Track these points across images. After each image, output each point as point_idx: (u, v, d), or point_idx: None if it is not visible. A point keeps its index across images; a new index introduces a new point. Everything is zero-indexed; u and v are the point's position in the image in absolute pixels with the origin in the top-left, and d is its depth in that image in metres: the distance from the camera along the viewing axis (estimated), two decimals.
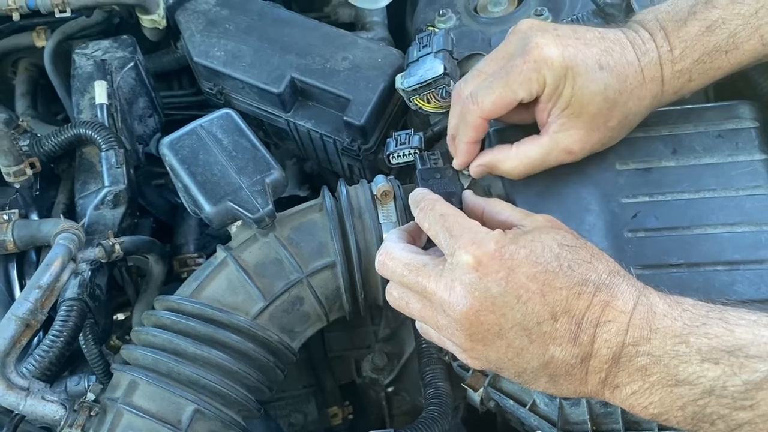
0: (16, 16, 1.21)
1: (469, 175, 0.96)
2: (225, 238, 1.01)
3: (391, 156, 1.05)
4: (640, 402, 0.68)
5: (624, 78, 0.83)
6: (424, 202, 0.82)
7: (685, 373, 0.65)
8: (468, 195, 0.88)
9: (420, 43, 1.09)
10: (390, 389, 1.27)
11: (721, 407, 0.64)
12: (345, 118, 1.12)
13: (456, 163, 0.95)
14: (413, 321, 1.09)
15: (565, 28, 0.86)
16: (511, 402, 0.94)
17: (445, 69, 1.03)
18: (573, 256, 0.71)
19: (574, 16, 1.11)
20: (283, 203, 1.01)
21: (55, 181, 1.19)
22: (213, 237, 1.29)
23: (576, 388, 0.72)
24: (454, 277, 0.71)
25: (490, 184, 0.98)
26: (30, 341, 0.91)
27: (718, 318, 0.66)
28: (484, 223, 0.77)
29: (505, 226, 0.77)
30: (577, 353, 0.69)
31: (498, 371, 0.75)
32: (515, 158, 0.89)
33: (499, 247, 0.70)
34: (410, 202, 0.85)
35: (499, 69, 0.87)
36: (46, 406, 0.85)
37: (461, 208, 0.85)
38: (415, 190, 0.88)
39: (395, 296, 0.81)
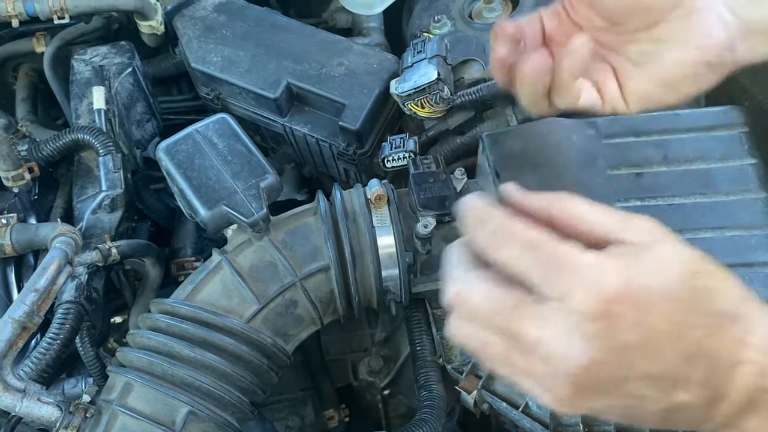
0: (15, 23, 1.23)
1: (462, 178, 0.96)
2: (222, 242, 1.01)
3: (386, 160, 1.06)
4: None
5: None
6: (495, 223, 0.59)
7: None
8: (520, 194, 0.63)
9: (415, 48, 1.10)
10: (386, 392, 1.27)
11: None
12: (340, 122, 1.13)
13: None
14: (408, 325, 1.11)
15: None
16: (504, 404, 0.95)
17: (439, 75, 1.04)
18: (706, 282, 0.57)
19: None
20: (281, 207, 1.02)
21: (53, 185, 1.20)
22: (210, 241, 1.30)
23: (691, 425, 0.61)
24: (570, 326, 0.55)
25: (483, 187, 0.99)
26: (27, 344, 0.92)
27: None
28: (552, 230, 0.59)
29: (593, 237, 0.58)
30: (706, 396, 0.58)
31: (598, 415, 0.61)
32: None
33: (624, 282, 0.54)
34: (468, 219, 0.61)
35: None
36: (42, 408, 0.85)
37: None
38: (468, 199, 0.62)
39: (466, 333, 0.61)
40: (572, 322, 0.55)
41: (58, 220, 1.08)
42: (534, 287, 0.57)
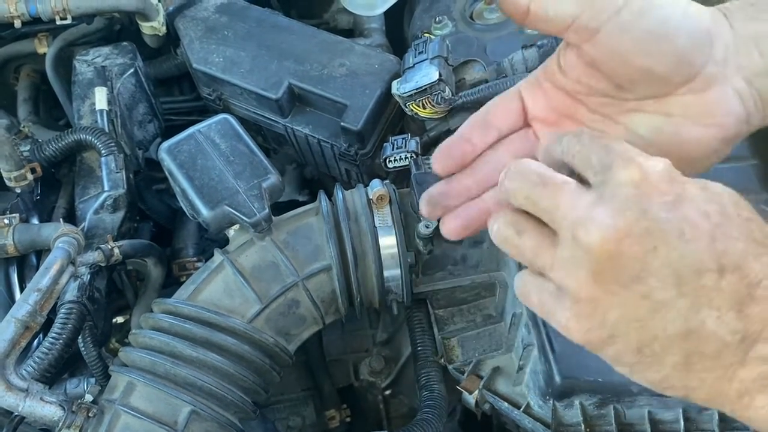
0: (17, 24, 1.23)
1: None
2: (224, 242, 1.02)
3: (387, 160, 1.06)
4: None
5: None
6: (568, 134, 0.58)
7: None
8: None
9: (416, 49, 1.11)
10: (387, 392, 1.27)
11: None
12: (342, 123, 1.14)
13: None
14: (410, 325, 1.11)
15: None
16: (506, 404, 0.95)
17: (440, 75, 1.04)
18: (750, 214, 0.54)
19: None
20: (282, 208, 1.03)
21: (55, 185, 1.20)
22: (212, 241, 1.30)
23: (714, 385, 0.53)
24: (604, 192, 0.53)
25: None
26: (30, 343, 0.92)
27: None
28: None
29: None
30: (738, 329, 0.51)
31: (609, 343, 0.55)
32: None
33: (669, 167, 0.54)
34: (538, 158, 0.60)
35: None
36: (44, 407, 0.86)
37: None
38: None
39: (502, 222, 0.59)
40: (607, 189, 0.53)
41: (61, 220, 1.08)
42: (592, 170, 0.55)
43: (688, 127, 0.64)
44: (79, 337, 0.97)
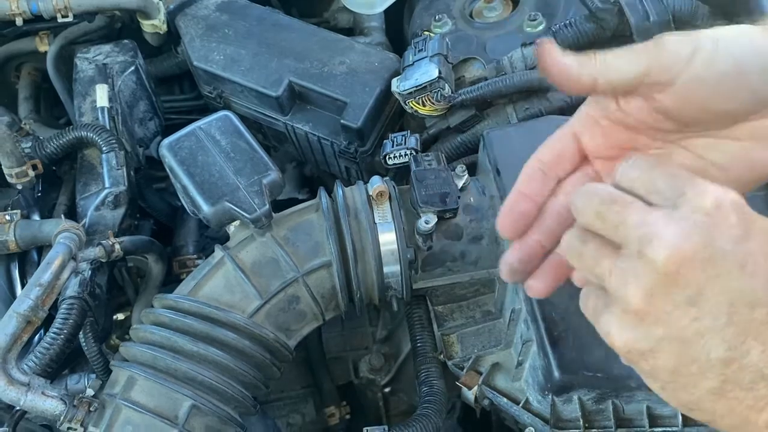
0: (19, 21, 1.24)
1: (463, 175, 0.97)
2: (224, 240, 1.02)
3: (387, 157, 1.07)
4: None
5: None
6: (630, 159, 0.59)
7: None
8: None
9: (416, 47, 1.11)
10: (387, 390, 1.28)
11: None
12: (342, 121, 1.14)
13: None
14: (409, 321, 1.11)
15: None
16: (505, 400, 0.95)
17: (439, 73, 1.05)
18: None
19: (568, 22, 1.13)
20: (282, 206, 1.03)
21: (56, 182, 1.21)
22: (212, 239, 1.31)
23: (743, 413, 0.54)
24: (674, 214, 0.54)
25: (484, 184, 1.00)
26: (31, 338, 0.93)
27: None
28: None
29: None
30: None
31: (648, 357, 0.56)
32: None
33: (742, 201, 0.55)
34: (585, 197, 0.59)
35: None
36: (46, 402, 0.86)
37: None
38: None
39: (569, 234, 0.61)
40: (680, 212, 0.54)
41: (62, 216, 1.09)
42: (661, 196, 0.56)
43: (758, 151, 0.64)
44: (80, 332, 0.98)
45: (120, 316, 1.21)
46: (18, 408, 0.87)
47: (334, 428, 1.32)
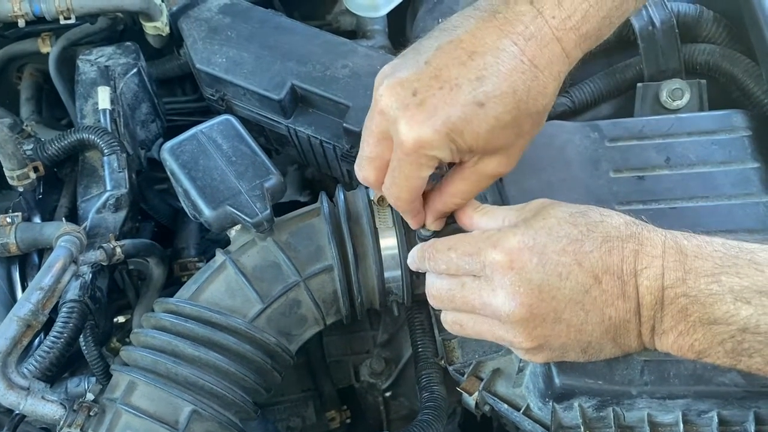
0: (21, 23, 1.23)
1: None
2: (225, 243, 1.02)
3: None
4: (686, 341, 0.69)
5: (512, 89, 0.72)
6: (424, 252, 0.81)
7: (720, 312, 0.66)
8: (459, 216, 0.86)
9: None
10: (388, 394, 1.27)
11: (756, 343, 0.66)
12: (344, 124, 1.14)
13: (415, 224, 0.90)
14: (410, 326, 1.11)
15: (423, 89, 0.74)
16: (506, 406, 0.95)
17: None
18: (585, 219, 0.72)
19: None
20: (283, 208, 1.03)
21: (57, 184, 1.21)
22: (213, 242, 1.30)
23: (634, 342, 0.73)
24: (494, 285, 0.72)
25: (485, 193, 0.99)
26: (31, 342, 0.92)
27: (748, 259, 0.67)
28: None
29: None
30: (628, 307, 0.70)
31: (564, 356, 0.76)
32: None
33: (520, 237, 0.71)
34: (417, 263, 0.84)
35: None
36: (45, 406, 0.86)
37: None
38: (409, 255, 0.87)
39: (449, 321, 0.82)
40: (495, 282, 0.72)
41: (63, 219, 1.09)
42: (473, 273, 0.75)
43: None
44: (81, 336, 0.98)
45: (120, 319, 1.21)
46: (17, 412, 0.86)
47: None
